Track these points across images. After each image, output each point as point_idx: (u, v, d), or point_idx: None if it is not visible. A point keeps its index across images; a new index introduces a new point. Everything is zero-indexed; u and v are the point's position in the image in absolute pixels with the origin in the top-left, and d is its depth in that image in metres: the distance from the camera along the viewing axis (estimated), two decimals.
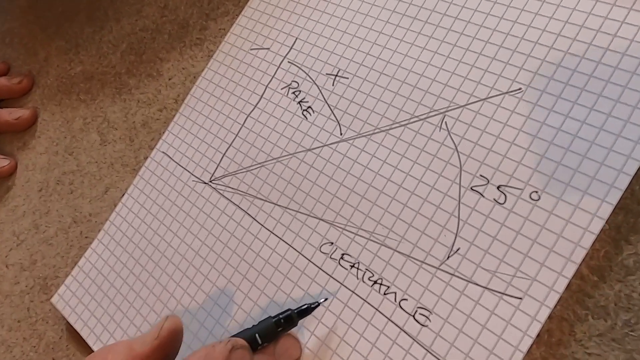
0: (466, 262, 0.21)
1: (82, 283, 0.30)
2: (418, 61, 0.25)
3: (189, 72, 0.33)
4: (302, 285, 0.24)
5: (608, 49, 0.21)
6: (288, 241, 0.25)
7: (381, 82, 0.25)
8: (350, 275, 0.23)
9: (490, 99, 0.23)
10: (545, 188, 0.21)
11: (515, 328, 0.20)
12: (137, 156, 0.33)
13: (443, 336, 0.21)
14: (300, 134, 0.27)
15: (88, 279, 0.30)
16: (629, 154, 0.20)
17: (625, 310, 0.19)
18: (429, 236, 0.22)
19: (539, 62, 0.22)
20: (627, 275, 0.19)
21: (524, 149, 0.21)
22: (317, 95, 0.27)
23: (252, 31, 0.31)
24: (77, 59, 0.39)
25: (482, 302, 0.20)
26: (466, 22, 0.24)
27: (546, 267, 0.20)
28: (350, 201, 0.24)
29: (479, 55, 0.23)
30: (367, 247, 0.23)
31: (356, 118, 0.26)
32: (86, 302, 0.29)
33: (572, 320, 0.20)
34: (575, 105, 0.21)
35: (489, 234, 0.21)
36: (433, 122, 0.24)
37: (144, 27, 0.36)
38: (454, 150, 0.23)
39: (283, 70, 0.29)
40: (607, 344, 0.19)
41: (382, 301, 0.22)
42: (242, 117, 0.29)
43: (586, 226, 0.20)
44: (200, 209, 0.28)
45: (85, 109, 0.37)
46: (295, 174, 0.26)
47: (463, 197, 0.22)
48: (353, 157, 0.25)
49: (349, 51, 0.27)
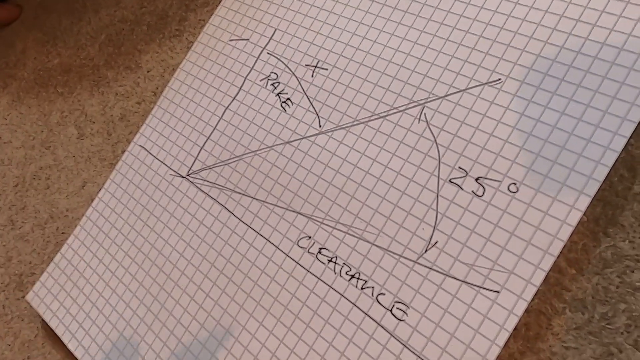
0: (444, 255, 0.21)
1: (58, 280, 0.29)
2: (398, 52, 0.24)
3: (168, 64, 0.32)
4: (279, 280, 0.24)
5: (587, 39, 0.21)
6: (265, 235, 0.25)
7: (360, 73, 0.25)
8: (327, 269, 0.23)
9: (470, 90, 0.22)
10: (524, 180, 0.20)
11: (492, 322, 0.19)
12: (114, 150, 0.32)
13: (420, 331, 0.20)
14: (279, 126, 0.26)
15: (64, 275, 0.29)
16: (607, 145, 0.19)
17: (602, 304, 0.19)
18: (407, 229, 0.22)
19: (518, 52, 0.22)
20: (604, 268, 0.19)
21: (503, 140, 0.21)
22: (296, 87, 0.27)
23: (231, 22, 0.30)
24: (54, 51, 0.38)
25: (460, 296, 0.20)
26: (446, 12, 0.24)
27: (524, 260, 0.19)
28: (329, 194, 0.24)
29: (458, 45, 0.23)
30: (344, 241, 0.23)
31: (335, 110, 0.25)
32: (62, 299, 0.29)
33: (550, 313, 0.20)
34: (554, 95, 0.21)
35: (467, 226, 0.21)
36: (412, 113, 0.23)
37: (123, 18, 0.36)
38: (433, 142, 0.22)
39: (262, 62, 0.28)
40: (584, 337, 0.19)
41: (359, 296, 0.22)
42: (220, 109, 0.28)
43: (564, 218, 0.19)
44: (177, 203, 0.28)
45: (62, 102, 0.36)
46: (273, 167, 0.26)
47: (441, 189, 0.22)
48: (332, 149, 0.24)
49: (329, 42, 0.26)
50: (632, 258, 0.19)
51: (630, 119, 0.19)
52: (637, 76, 0.19)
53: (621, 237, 0.19)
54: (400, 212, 0.22)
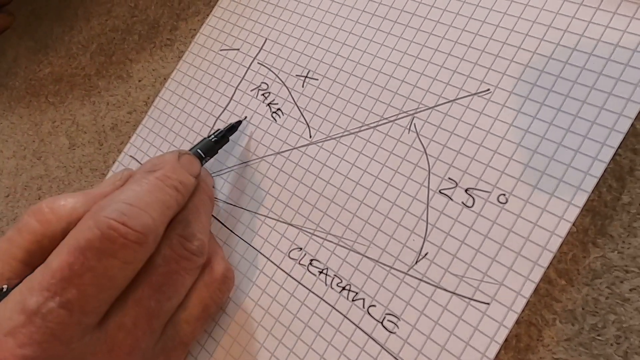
0: (434, 267, 0.21)
1: None
2: (387, 62, 0.24)
3: (159, 73, 0.32)
4: (270, 292, 0.23)
5: (575, 49, 0.21)
6: (256, 247, 0.25)
7: (350, 84, 0.25)
8: (319, 281, 0.23)
9: (459, 100, 0.22)
10: (513, 191, 0.20)
11: (482, 334, 0.19)
12: (106, 160, 0.32)
13: (411, 343, 0.20)
14: (270, 136, 0.26)
15: None
16: (595, 156, 0.19)
17: (592, 315, 0.19)
18: (398, 241, 0.22)
19: (507, 62, 0.22)
20: (594, 279, 0.19)
21: (492, 150, 0.21)
22: (287, 97, 0.26)
23: (222, 31, 0.30)
24: (46, 59, 0.38)
25: (450, 308, 0.20)
26: (435, 22, 0.24)
27: (513, 272, 0.19)
28: (319, 205, 0.24)
29: (447, 55, 0.23)
30: (335, 252, 0.23)
31: (325, 120, 0.25)
32: None
33: (540, 324, 0.20)
34: (542, 106, 0.21)
35: (457, 238, 0.21)
36: (402, 124, 0.23)
37: (114, 27, 0.35)
38: (423, 153, 0.22)
39: (253, 72, 0.28)
40: (574, 348, 0.19)
41: (350, 307, 0.22)
42: (211, 119, 0.28)
43: (553, 229, 0.19)
44: None
45: (54, 111, 0.36)
46: (264, 178, 0.26)
47: (431, 200, 0.22)
48: (322, 160, 0.24)
49: (319, 52, 0.26)
50: (621, 269, 0.19)
51: (618, 129, 0.19)
52: (624, 87, 0.20)
53: (610, 247, 0.19)
54: (390, 223, 0.22)
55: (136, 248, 0.18)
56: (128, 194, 0.19)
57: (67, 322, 0.17)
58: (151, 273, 0.19)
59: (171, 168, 0.21)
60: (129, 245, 0.18)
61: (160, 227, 0.19)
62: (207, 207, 0.23)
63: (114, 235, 0.18)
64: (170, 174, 0.21)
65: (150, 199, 0.19)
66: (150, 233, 0.19)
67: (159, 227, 0.19)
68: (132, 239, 0.18)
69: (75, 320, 0.17)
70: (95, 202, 0.20)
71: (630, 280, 0.19)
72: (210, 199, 0.24)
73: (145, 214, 0.19)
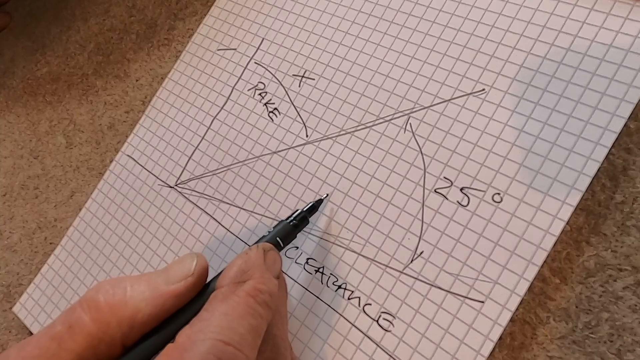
0: (429, 265, 0.21)
1: (45, 291, 0.29)
2: (383, 62, 0.25)
3: (157, 73, 0.32)
4: None
5: (569, 50, 0.21)
6: None
7: (347, 84, 0.25)
8: (315, 280, 0.23)
9: (454, 100, 0.22)
10: (508, 190, 0.20)
11: (477, 332, 0.19)
12: (103, 159, 0.32)
13: (406, 341, 0.20)
14: (267, 136, 0.26)
15: (51, 286, 0.29)
16: (589, 155, 0.20)
17: (585, 313, 0.19)
18: (393, 239, 0.22)
19: (502, 62, 0.22)
20: (587, 277, 0.19)
21: (487, 150, 0.21)
22: (284, 97, 0.27)
23: (219, 31, 0.30)
24: (43, 59, 0.38)
25: (445, 306, 0.20)
26: (431, 23, 0.24)
27: (508, 270, 0.20)
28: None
29: (443, 55, 0.23)
30: (331, 251, 0.23)
31: (322, 120, 0.25)
32: (49, 311, 0.29)
33: (534, 323, 0.20)
34: (537, 106, 0.21)
35: (452, 236, 0.21)
36: (398, 123, 0.23)
37: (112, 27, 0.36)
38: (418, 152, 0.23)
39: (250, 71, 0.28)
40: (568, 346, 0.19)
41: (346, 306, 0.22)
42: (208, 119, 0.28)
43: (547, 228, 0.19)
44: (165, 213, 0.28)
45: (51, 111, 0.36)
46: (261, 177, 0.26)
47: (427, 199, 0.22)
48: (319, 159, 0.25)
49: (316, 52, 0.26)
50: (614, 267, 0.19)
51: (611, 129, 0.19)
52: (618, 86, 0.20)
53: (604, 246, 0.19)
54: (386, 222, 0.22)
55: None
56: (219, 320, 0.16)
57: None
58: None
59: (261, 277, 0.18)
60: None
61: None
62: (285, 306, 0.20)
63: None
64: (261, 285, 0.18)
65: (244, 328, 0.17)
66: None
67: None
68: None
69: None
70: (163, 300, 0.17)
71: (623, 279, 0.19)
72: (286, 292, 0.21)
73: (241, 355, 0.16)
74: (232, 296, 0.17)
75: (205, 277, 0.18)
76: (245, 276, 0.18)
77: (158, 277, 0.18)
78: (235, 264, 0.18)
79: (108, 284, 0.17)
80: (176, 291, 0.17)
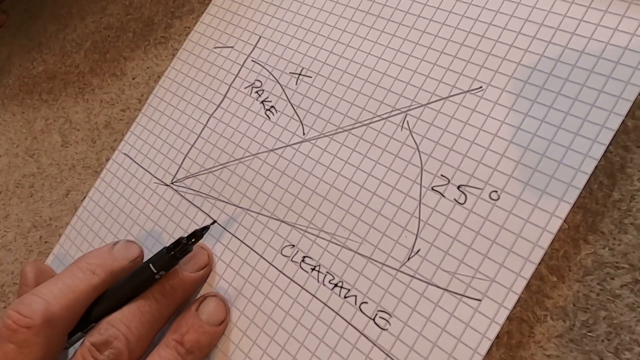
0: (426, 263, 0.21)
1: None
2: (381, 59, 0.24)
3: (154, 71, 0.32)
4: (262, 289, 0.23)
5: (567, 47, 0.21)
6: (249, 244, 0.24)
7: (344, 81, 0.25)
8: (311, 278, 0.23)
9: (452, 98, 0.22)
10: (505, 187, 0.20)
11: (474, 330, 0.19)
12: (99, 158, 0.32)
13: (402, 340, 0.20)
14: (263, 134, 0.26)
15: None
16: (586, 153, 0.19)
17: (583, 311, 0.19)
18: (390, 237, 0.22)
19: (499, 60, 0.22)
20: (585, 275, 0.19)
21: (484, 148, 0.21)
22: (281, 95, 0.26)
23: (216, 29, 0.30)
24: (40, 57, 0.37)
25: (442, 305, 0.20)
26: (428, 21, 0.24)
27: (505, 268, 0.19)
28: (312, 202, 0.24)
29: (440, 53, 0.23)
30: (328, 249, 0.23)
31: (319, 117, 0.25)
32: None
33: (532, 321, 0.20)
34: (534, 103, 0.21)
35: (449, 234, 0.21)
36: (395, 121, 0.23)
37: (109, 25, 0.35)
38: (415, 150, 0.22)
39: (246, 69, 0.28)
40: (565, 345, 0.19)
41: (342, 304, 0.22)
42: (204, 117, 0.28)
43: (545, 226, 0.19)
44: (161, 212, 0.27)
45: (47, 109, 0.35)
46: (257, 175, 0.26)
47: (424, 197, 0.22)
48: (315, 157, 0.24)
49: (313, 49, 0.26)
50: (612, 265, 0.19)
51: (609, 126, 0.19)
52: (614, 84, 0.20)
53: (601, 244, 0.19)
54: (383, 220, 0.22)
55: (25, 332, 0.20)
56: (41, 286, 0.22)
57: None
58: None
59: (93, 255, 0.23)
60: (19, 330, 0.20)
61: (56, 308, 0.21)
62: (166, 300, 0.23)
63: (8, 322, 0.20)
64: (91, 260, 0.23)
65: (56, 285, 0.21)
66: (37, 316, 0.20)
67: (55, 309, 0.21)
68: (21, 324, 0.20)
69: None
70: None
71: (621, 277, 0.19)
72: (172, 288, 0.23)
73: (38, 299, 0.21)
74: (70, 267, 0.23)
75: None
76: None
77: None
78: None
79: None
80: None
